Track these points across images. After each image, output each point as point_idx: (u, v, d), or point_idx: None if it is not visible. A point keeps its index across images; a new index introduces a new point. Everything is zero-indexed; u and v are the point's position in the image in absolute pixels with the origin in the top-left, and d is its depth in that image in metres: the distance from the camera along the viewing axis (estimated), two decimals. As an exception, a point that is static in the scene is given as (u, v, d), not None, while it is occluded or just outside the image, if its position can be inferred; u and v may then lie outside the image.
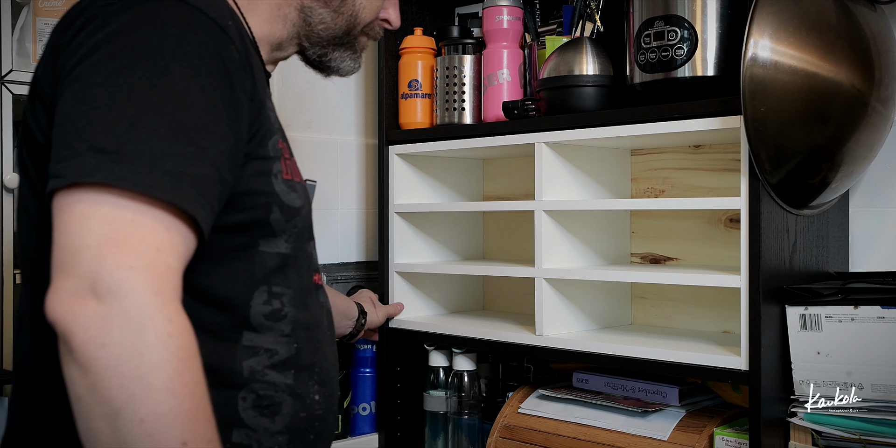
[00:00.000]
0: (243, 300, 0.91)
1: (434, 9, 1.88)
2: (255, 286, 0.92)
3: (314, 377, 0.98)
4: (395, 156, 1.76)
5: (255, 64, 0.91)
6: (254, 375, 0.91)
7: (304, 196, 0.97)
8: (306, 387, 0.96)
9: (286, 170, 0.94)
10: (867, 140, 1.31)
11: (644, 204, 1.48)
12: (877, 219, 1.47)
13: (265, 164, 0.91)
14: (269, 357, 0.93)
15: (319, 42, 1.10)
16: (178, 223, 0.78)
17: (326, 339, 1.02)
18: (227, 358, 0.90)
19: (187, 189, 0.78)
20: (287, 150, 0.97)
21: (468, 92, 1.70)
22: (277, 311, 0.94)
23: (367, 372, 1.82)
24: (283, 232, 0.94)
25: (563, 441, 1.48)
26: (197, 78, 0.82)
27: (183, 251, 0.79)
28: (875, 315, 1.23)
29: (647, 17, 1.36)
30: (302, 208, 0.96)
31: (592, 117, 1.45)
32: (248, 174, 0.89)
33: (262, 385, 0.92)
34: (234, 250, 0.91)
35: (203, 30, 0.84)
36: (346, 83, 2.03)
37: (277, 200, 0.92)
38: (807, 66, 1.22)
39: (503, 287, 1.91)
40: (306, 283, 0.99)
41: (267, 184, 0.91)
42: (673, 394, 1.44)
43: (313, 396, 0.97)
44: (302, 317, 0.97)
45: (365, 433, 1.83)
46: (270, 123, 0.93)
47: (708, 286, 1.46)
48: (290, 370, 0.95)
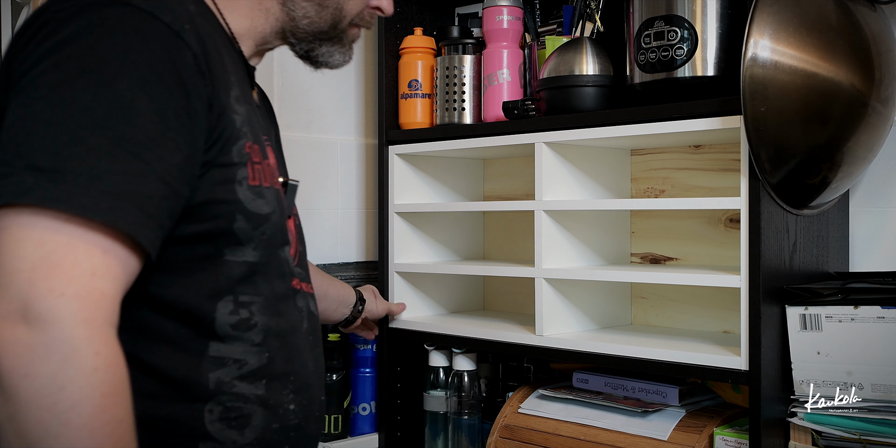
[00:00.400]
0: (207, 311, 0.89)
1: (434, 9, 1.88)
2: (219, 296, 0.89)
3: (289, 386, 0.95)
4: (395, 156, 1.76)
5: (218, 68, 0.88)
6: (221, 387, 0.89)
7: (274, 201, 0.94)
8: (280, 397, 0.94)
9: (253, 175, 0.91)
10: (867, 140, 1.31)
11: (644, 204, 1.48)
12: (877, 219, 1.47)
13: (228, 172, 0.88)
14: (238, 368, 0.91)
15: (305, 37, 1.06)
16: (116, 245, 0.76)
17: (305, 346, 0.99)
18: (192, 370, 0.88)
19: (127, 209, 0.76)
20: (258, 152, 0.93)
21: (468, 92, 1.70)
22: (246, 321, 0.91)
23: (367, 372, 1.82)
24: (250, 240, 0.91)
25: (563, 441, 1.48)
26: (145, 88, 0.79)
27: (121, 275, 0.77)
28: (875, 315, 1.23)
29: (647, 17, 1.36)
30: (271, 215, 0.93)
31: (592, 117, 1.45)
32: (208, 183, 0.86)
33: (230, 397, 0.90)
34: (197, 261, 0.88)
35: (155, 36, 0.81)
36: (346, 83, 2.04)
37: (242, 209, 0.89)
38: (807, 66, 1.22)
39: (503, 287, 1.91)
40: (279, 289, 0.96)
41: (230, 192, 0.88)
42: (673, 394, 1.44)
43: (287, 406, 0.95)
44: (274, 325, 0.94)
45: (365, 433, 1.83)
46: (235, 128, 0.89)
47: (708, 286, 1.46)
48: (262, 380, 0.92)
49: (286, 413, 0.94)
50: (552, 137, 1.50)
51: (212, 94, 0.85)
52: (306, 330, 1.01)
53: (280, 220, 0.95)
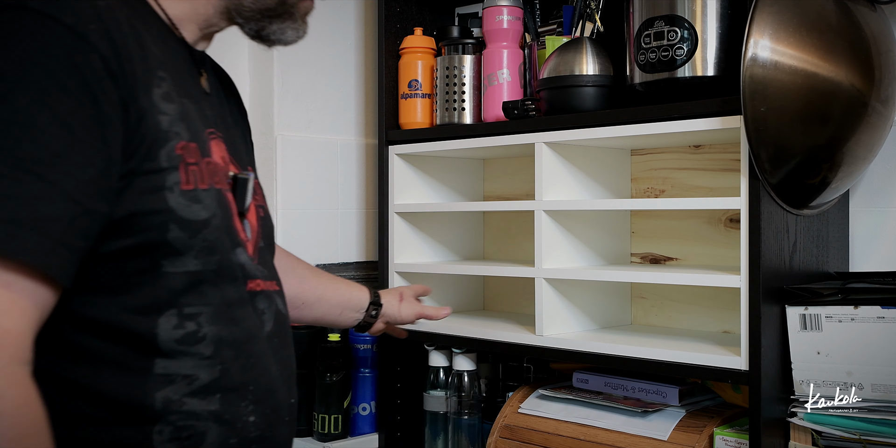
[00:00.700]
0: (147, 327, 0.83)
1: (434, 9, 1.88)
2: (160, 311, 0.84)
3: (248, 397, 0.90)
4: (395, 156, 1.76)
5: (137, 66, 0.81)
6: (169, 406, 0.84)
7: (214, 204, 0.87)
8: (237, 410, 0.89)
9: (187, 178, 0.84)
10: (867, 140, 1.31)
11: (644, 204, 1.48)
12: (877, 219, 1.47)
13: (156, 179, 0.82)
14: (188, 384, 0.85)
15: (252, 16, 0.97)
16: (20, 278, 0.72)
17: (266, 351, 0.93)
18: (137, 391, 0.83)
19: (28, 237, 0.71)
20: (195, 152, 0.86)
21: (468, 92, 1.70)
22: (193, 334, 0.86)
23: (367, 372, 1.82)
24: (189, 249, 0.85)
25: (563, 441, 1.48)
26: (45, 100, 0.73)
27: (30, 308, 0.73)
28: (875, 315, 1.23)
29: (647, 17, 1.36)
30: (211, 219, 0.86)
31: (592, 117, 1.45)
32: (134, 193, 0.80)
33: (180, 415, 0.84)
34: (132, 276, 0.83)
35: (55, 41, 0.75)
36: (346, 83, 2.04)
37: (175, 217, 0.83)
38: (807, 66, 1.22)
39: (503, 287, 1.91)
40: (232, 295, 0.90)
41: (159, 200, 0.82)
42: (673, 394, 1.44)
43: (246, 419, 0.89)
44: (227, 334, 0.88)
45: (365, 433, 1.83)
46: (161, 130, 0.83)
47: (708, 286, 1.46)
48: (216, 395, 0.87)
49: (245, 426, 0.89)
50: (552, 137, 1.50)
51: (128, 97, 0.79)
52: (270, 333, 0.95)
53: (224, 223, 0.88)
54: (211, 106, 0.96)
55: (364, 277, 1.98)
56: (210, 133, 0.91)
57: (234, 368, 0.89)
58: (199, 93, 0.94)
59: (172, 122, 0.84)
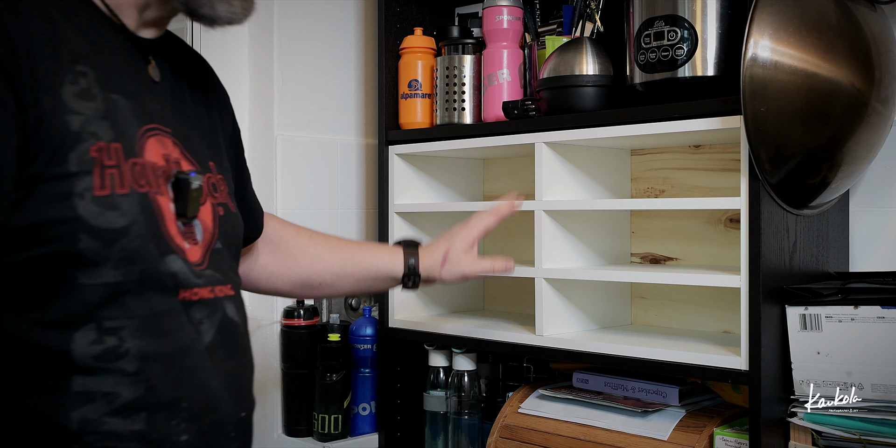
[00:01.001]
0: (61, 343, 0.78)
1: (434, 9, 1.88)
2: (76, 325, 0.78)
3: (180, 415, 0.84)
4: (395, 156, 1.76)
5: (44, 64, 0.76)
6: (86, 426, 0.78)
7: (135, 210, 0.81)
8: (166, 429, 0.82)
9: (102, 183, 0.78)
10: (867, 140, 1.31)
11: (644, 204, 1.48)
12: (877, 219, 1.47)
13: (63, 185, 0.76)
14: (109, 402, 0.79)
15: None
16: None
17: (205, 364, 0.87)
18: (52, 410, 0.77)
19: None
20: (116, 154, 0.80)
21: (468, 92, 1.70)
22: (113, 350, 0.80)
23: (367, 372, 1.82)
24: (106, 259, 0.79)
25: (563, 441, 1.48)
26: None
27: None
28: (875, 315, 1.23)
29: (647, 17, 1.36)
30: (130, 227, 0.80)
31: (592, 117, 1.45)
32: (36, 201, 0.75)
33: (99, 436, 0.78)
34: (44, 288, 0.77)
35: None
36: (346, 83, 2.04)
37: (84, 226, 0.77)
38: (807, 66, 1.22)
39: (503, 287, 1.91)
40: (161, 306, 0.84)
41: (66, 208, 0.76)
42: (673, 394, 1.44)
43: (178, 437, 0.83)
44: (154, 348, 0.82)
45: (365, 433, 1.83)
46: (70, 132, 0.76)
47: (708, 286, 1.46)
48: (140, 413, 0.81)
49: (175, 446, 0.83)
50: (552, 137, 1.50)
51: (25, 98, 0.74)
52: (210, 344, 0.89)
53: (149, 230, 0.82)
54: (158, 98, 0.90)
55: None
56: (149, 130, 0.85)
57: (163, 384, 0.83)
58: (142, 84, 0.88)
59: (88, 121, 0.78)
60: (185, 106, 0.96)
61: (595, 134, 1.44)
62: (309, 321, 1.83)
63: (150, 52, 0.92)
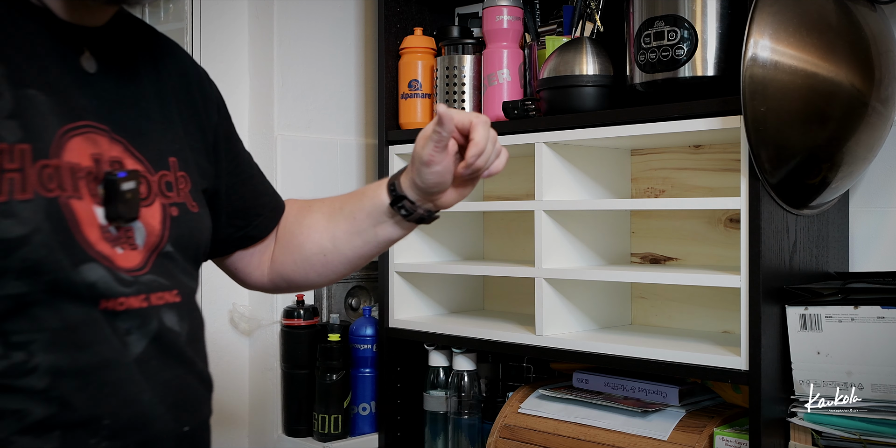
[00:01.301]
0: None
1: (434, 9, 1.88)
2: None
3: (100, 432, 0.77)
4: (395, 156, 1.76)
5: None
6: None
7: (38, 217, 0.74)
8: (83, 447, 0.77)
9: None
10: (867, 140, 1.31)
11: (644, 204, 1.48)
12: (877, 219, 1.47)
13: None
14: (19, 420, 0.74)
15: None
16: None
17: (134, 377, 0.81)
18: None
19: None
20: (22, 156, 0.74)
21: (468, 92, 1.70)
22: (20, 365, 0.74)
23: (367, 372, 1.82)
24: (6, 270, 0.73)
25: (563, 441, 1.48)
26: None
27: None
28: (875, 315, 1.23)
29: (648, 17, 1.36)
30: (30, 236, 0.73)
31: (592, 117, 1.45)
32: None
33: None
34: None
35: None
36: (345, 83, 2.04)
37: None
38: (807, 66, 1.22)
39: (503, 287, 1.91)
40: (75, 318, 0.77)
41: None
42: (673, 394, 1.44)
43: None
44: (68, 363, 0.76)
45: (365, 433, 1.83)
46: None
47: (708, 286, 1.46)
48: (54, 432, 0.75)
49: None
50: (552, 137, 1.50)
51: None
52: (141, 356, 0.82)
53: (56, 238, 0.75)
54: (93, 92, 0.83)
55: (364, 277, 1.98)
56: (74, 128, 0.79)
57: (79, 401, 0.76)
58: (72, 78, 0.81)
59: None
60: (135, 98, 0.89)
61: (595, 134, 1.44)
62: (309, 321, 1.83)
63: (85, 42, 0.84)
